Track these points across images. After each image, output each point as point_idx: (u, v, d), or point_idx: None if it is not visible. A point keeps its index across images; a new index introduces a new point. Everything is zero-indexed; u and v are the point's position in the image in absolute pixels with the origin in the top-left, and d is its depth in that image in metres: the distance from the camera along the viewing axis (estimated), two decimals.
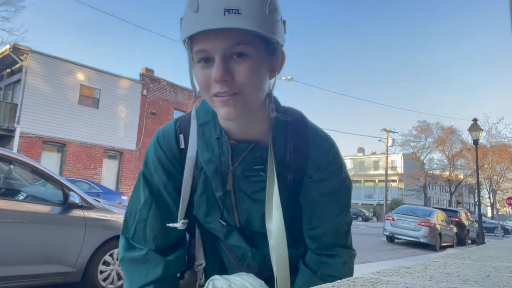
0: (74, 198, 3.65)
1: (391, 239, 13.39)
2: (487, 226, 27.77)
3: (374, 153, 52.64)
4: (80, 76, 17.46)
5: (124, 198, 12.51)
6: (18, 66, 16.04)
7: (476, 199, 45.13)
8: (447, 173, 45.19)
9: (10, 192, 3.79)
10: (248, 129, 0.79)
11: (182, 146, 0.85)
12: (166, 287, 0.85)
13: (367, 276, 0.68)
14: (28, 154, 14.38)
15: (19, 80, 16.10)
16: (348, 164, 53.91)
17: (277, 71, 0.76)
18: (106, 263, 3.87)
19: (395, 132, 37.91)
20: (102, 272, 3.85)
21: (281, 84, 21.13)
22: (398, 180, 46.90)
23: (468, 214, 19.24)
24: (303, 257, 0.88)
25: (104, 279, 3.86)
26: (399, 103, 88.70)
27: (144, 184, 0.87)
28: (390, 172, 41.33)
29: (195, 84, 0.74)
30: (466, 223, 16.55)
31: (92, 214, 3.78)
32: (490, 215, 44.90)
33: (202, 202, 0.86)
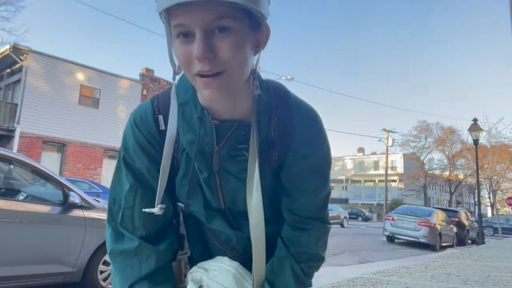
0: (74, 198, 3.65)
1: (391, 239, 13.38)
2: (488, 225, 27.71)
3: (374, 153, 52.63)
4: (80, 76, 17.47)
5: None
6: (18, 66, 16.06)
7: (476, 199, 45.12)
8: (447, 173, 45.25)
9: (10, 192, 3.79)
10: (231, 107, 0.75)
11: (162, 127, 0.80)
12: (160, 279, 0.83)
13: (367, 276, 0.68)
14: (28, 154, 14.39)
15: (19, 80, 16.12)
16: (348, 164, 53.98)
17: (262, 46, 0.72)
18: (106, 263, 3.87)
19: (395, 132, 38.01)
20: (102, 272, 3.85)
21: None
22: (398, 180, 46.91)
23: (468, 214, 19.23)
24: (281, 230, 0.88)
25: (104, 279, 3.86)
26: (399, 103, 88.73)
27: (126, 169, 0.83)
28: (390, 172, 41.33)
29: (175, 60, 0.70)
30: (466, 223, 16.53)
31: (92, 214, 3.78)
32: (490, 215, 44.87)
33: (183, 184, 0.83)
